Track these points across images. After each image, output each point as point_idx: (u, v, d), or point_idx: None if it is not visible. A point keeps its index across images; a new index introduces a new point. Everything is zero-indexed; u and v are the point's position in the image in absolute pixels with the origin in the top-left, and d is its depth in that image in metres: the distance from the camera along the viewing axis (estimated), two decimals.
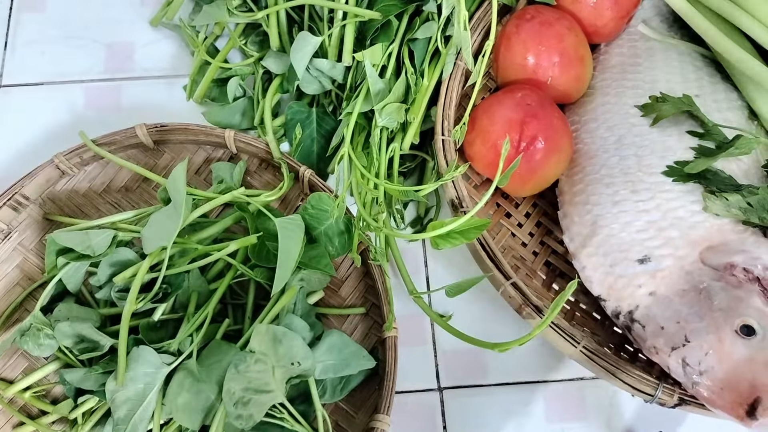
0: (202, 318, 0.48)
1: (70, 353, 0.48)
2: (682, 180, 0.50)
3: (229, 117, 0.62)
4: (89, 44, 0.67)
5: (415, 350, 0.56)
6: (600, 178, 0.53)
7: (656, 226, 0.49)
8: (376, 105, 0.53)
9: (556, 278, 0.55)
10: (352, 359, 0.49)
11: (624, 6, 0.57)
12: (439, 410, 0.54)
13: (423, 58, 0.56)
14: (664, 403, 0.46)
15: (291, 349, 0.44)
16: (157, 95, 0.65)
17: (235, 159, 0.59)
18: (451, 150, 0.53)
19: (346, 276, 0.56)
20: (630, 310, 0.48)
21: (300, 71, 0.57)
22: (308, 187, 0.56)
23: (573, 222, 0.54)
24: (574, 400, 0.55)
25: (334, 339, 0.49)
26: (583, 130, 0.56)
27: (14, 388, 0.50)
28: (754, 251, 0.46)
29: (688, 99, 0.52)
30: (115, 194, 0.58)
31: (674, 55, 0.57)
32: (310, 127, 0.60)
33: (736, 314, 0.44)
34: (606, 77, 0.58)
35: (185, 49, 0.67)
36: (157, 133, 0.57)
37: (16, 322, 0.53)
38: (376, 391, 0.51)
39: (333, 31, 0.56)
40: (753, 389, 0.42)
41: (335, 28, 0.56)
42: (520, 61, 0.55)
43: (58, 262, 0.49)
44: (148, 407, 0.44)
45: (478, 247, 0.50)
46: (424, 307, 0.51)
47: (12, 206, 0.55)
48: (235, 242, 0.49)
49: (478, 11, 0.57)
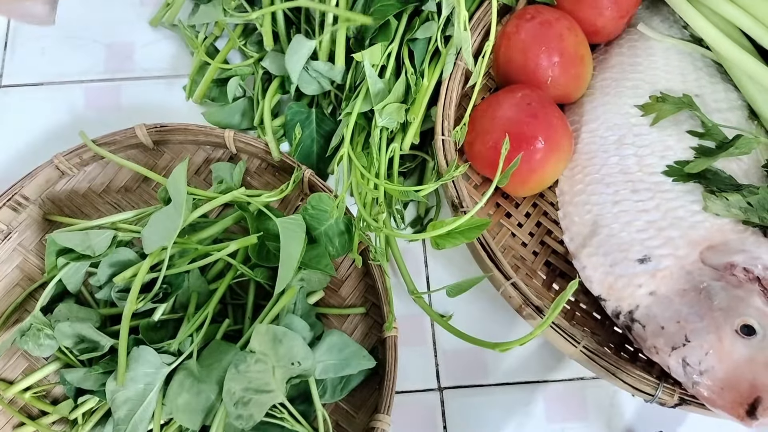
0: (202, 318, 0.48)
1: (70, 353, 0.48)
2: (682, 180, 0.50)
3: (229, 117, 0.62)
4: (89, 44, 0.67)
5: (415, 350, 0.56)
6: (600, 178, 0.53)
7: (656, 225, 0.50)
8: (376, 105, 0.53)
9: (556, 278, 0.55)
10: (352, 359, 0.49)
11: (624, 6, 0.57)
12: (439, 410, 0.54)
13: (423, 58, 0.56)
14: (665, 402, 0.46)
15: (291, 349, 0.44)
16: (157, 95, 0.65)
17: (234, 159, 0.59)
18: (451, 150, 0.53)
19: (346, 276, 0.56)
20: (630, 309, 0.48)
21: (295, 75, 0.57)
22: (308, 187, 0.56)
23: (573, 222, 0.54)
24: (574, 400, 0.55)
25: (334, 339, 0.49)
26: (583, 130, 0.56)
27: (14, 389, 0.50)
28: (755, 251, 0.46)
29: (688, 99, 0.52)
30: (114, 194, 0.58)
31: (674, 55, 0.57)
32: (310, 127, 0.60)
33: (737, 314, 0.44)
34: (606, 77, 0.58)
35: (185, 50, 0.67)
36: (156, 133, 0.57)
37: (16, 322, 0.53)
38: (377, 391, 0.51)
39: (324, 36, 0.57)
40: (753, 389, 0.42)
41: (326, 33, 0.56)
42: (520, 61, 0.55)
43: (58, 263, 0.49)
44: (149, 407, 0.44)
45: (478, 247, 0.50)
46: (424, 307, 0.51)
47: (12, 207, 0.55)
48: (235, 242, 0.49)
49: (478, 11, 0.57)
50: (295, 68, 0.57)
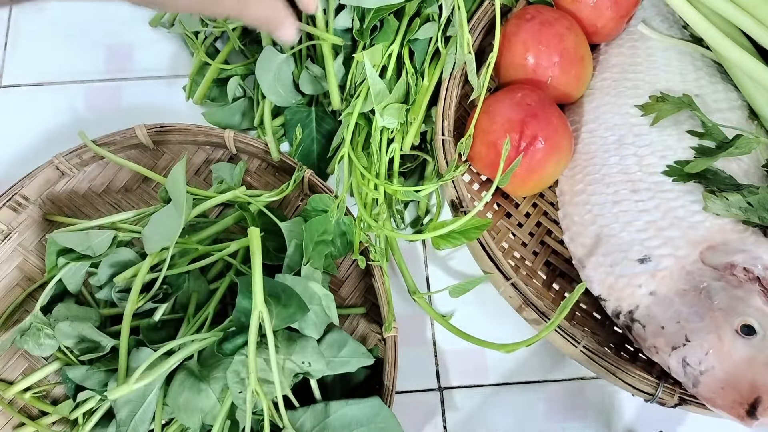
0: (203, 318, 0.48)
1: (71, 353, 0.48)
2: (682, 180, 0.50)
3: (229, 117, 0.62)
4: (89, 45, 0.67)
5: (415, 350, 0.56)
6: (600, 178, 0.53)
7: (656, 225, 0.50)
8: (377, 105, 0.53)
9: (556, 278, 0.55)
10: (351, 356, 0.48)
11: (624, 6, 0.57)
12: (439, 410, 0.54)
13: (423, 59, 0.56)
14: (665, 402, 0.46)
15: (304, 349, 0.44)
16: (157, 95, 0.65)
17: (235, 159, 0.59)
18: (451, 150, 0.53)
19: (346, 276, 0.56)
20: (630, 309, 0.48)
21: (266, 89, 0.58)
22: (308, 187, 0.56)
23: (573, 222, 0.54)
24: (574, 400, 0.55)
25: (334, 336, 0.48)
26: (583, 130, 0.56)
27: (14, 389, 0.50)
28: (755, 251, 0.46)
29: (688, 99, 0.52)
30: (114, 195, 0.58)
31: (674, 55, 0.57)
32: (310, 126, 0.60)
33: (737, 314, 0.44)
34: (606, 77, 0.58)
35: (185, 50, 0.67)
36: (156, 133, 0.57)
37: (16, 322, 0.53)
38: (376, 391, 0.51)
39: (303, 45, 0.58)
40: (753, 389, 0.42)
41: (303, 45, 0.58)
42: (520, 61, 0.55)
43: (58, 263, 0.49)
44: (149, 408, 0.44)
45: (478, 247, 0.50)
46: (426, 308, 0.51)
47: (12, 207, 0.55)
48: (236, 242, 0.49)
49: (478, 11, 0.57)
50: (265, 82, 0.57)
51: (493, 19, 0.54)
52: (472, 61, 0.52)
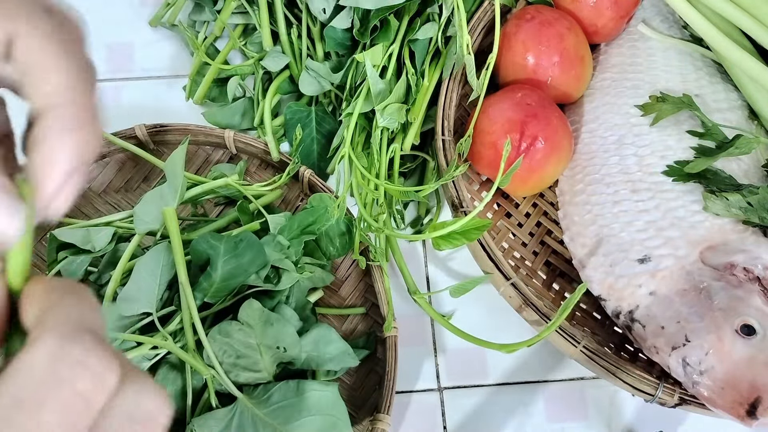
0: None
1: None
2: (682, 180, 0.50)
3: (229, 117, 0.62)
4: (89, 44, 0.67)
5: (415, 350, 0.56)
6: (600, 178, 0.53)
7: (656, 225, 0.50)
8: (377, 105, 0.53)
9: (556, 278, 0.55)
10: (336, 355, 0.47)
11: (624, 6, 0.57)
12: (439, 410, 0.54)
13: (424, 59, 0.56)
14: (665, 402, 0.46)
15: (280, 333, 0.44)
16: (157, 95, 0.65)
17: (235, 159, 0.59)
18: (451, 150, 0.53)
19: (346, 276, 0.56)
20: (630, 309, 0.48)
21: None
22: (308, 187, 0.56)
23: (573, 222, 0.54)
24: (574, 400, 0.55)
25: (321, 332, 0.47)
26: (583, 130, 0.56)
27: None
28: (755, 251, 0.46)
29: (688, 98, 0.52)
30: (114, 195, 0.58)
31: (674, 55, 0.57)
32: (310, 125, 0.60)
33: (737, 314, 0.44)
34: (606, 77, 0.58)
35: (185, 50, 0.67)
36: (156, 133, 0.57)
37: None
38: (376, 390, 0.51)
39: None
40: (753, 389, 0.42)
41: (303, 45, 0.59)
42: (520, 61, 0.55)
43: (58, 257, 0.49)
44: None
45: (479, 247, 0.50)
46: (426, 308, 0.51)
47: None
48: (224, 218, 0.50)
49: (478, 11, 0.57)
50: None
51: (493, 20, 0.54)
52: (472, 62, 0.52)
